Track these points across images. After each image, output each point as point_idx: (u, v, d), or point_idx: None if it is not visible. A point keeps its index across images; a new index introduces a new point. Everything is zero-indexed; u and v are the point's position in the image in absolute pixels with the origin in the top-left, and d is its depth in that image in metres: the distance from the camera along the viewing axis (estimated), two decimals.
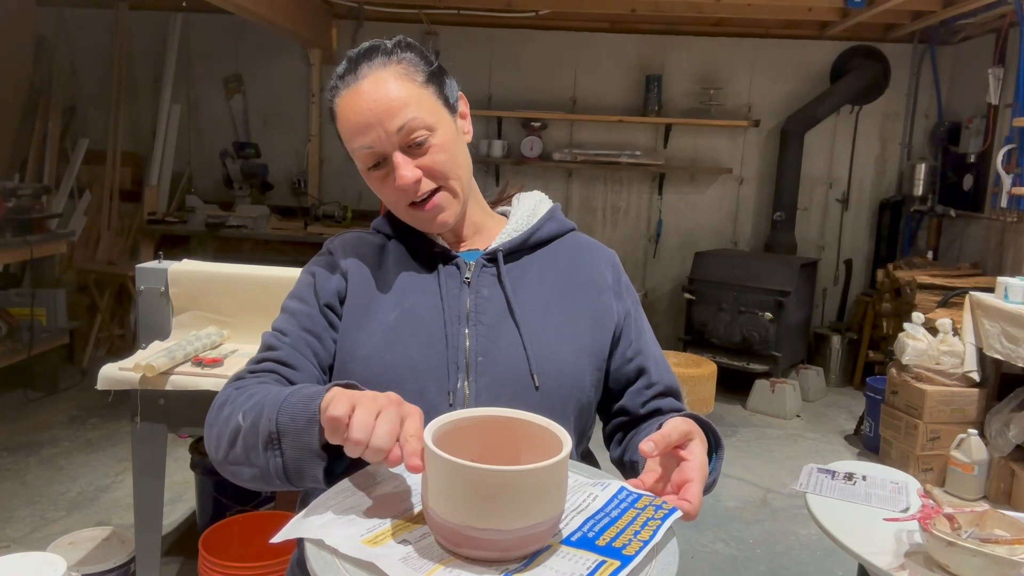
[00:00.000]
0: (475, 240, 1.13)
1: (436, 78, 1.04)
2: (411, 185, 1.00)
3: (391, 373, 1.00)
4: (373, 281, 1.08)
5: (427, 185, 1.02)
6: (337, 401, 0.77)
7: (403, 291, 1.07)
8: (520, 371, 1.01)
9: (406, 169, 1.00)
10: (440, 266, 1.08)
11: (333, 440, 0.78)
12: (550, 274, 1.11)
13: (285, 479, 0.85)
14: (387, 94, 0.99)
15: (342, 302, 1.07)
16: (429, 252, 1.10)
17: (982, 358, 3.26)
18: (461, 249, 1.12)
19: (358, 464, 0.82)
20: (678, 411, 1.11)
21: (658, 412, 1.10)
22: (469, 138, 1.10)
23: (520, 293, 1.07)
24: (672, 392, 1.13)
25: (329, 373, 1.06)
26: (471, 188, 1.11)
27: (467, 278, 1.07)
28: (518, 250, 1.11)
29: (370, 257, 1.11)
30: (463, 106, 1.10)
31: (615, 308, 1.12)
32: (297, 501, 1.08)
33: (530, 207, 1.16)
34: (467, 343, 1.03)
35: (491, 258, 1.09)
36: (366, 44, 1.04)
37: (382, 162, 1.02)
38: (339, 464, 0.86)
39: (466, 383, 1.01)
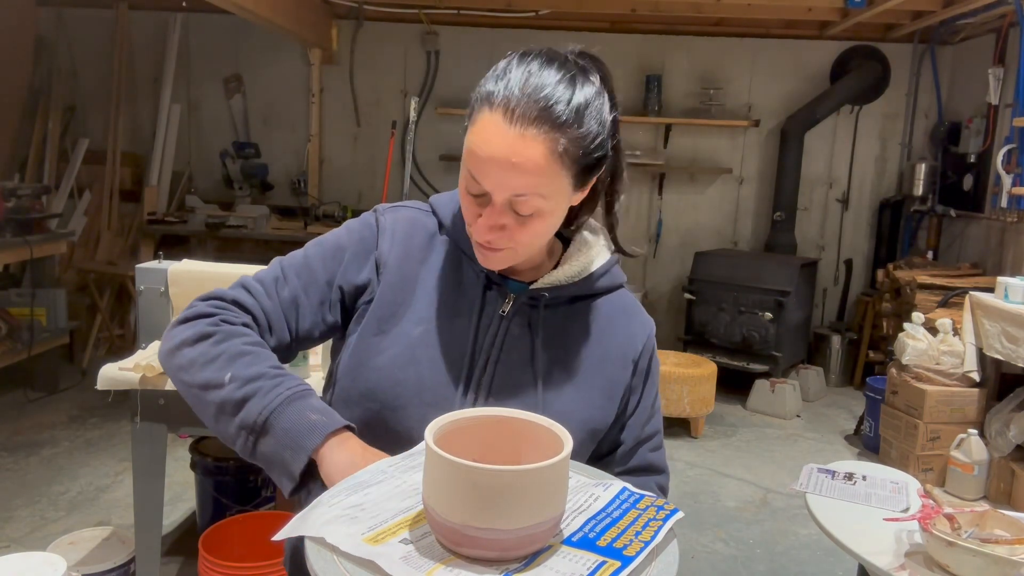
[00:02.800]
0: (527, 271, 1.05)
1: (590, 156, 0.92)
2: (487, 235, 0.93)
3: (399, 391, 0.98)
4: (410, 281, 1.03)
5: (502, 242, 0.94)
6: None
7: (437, 303, 1.02)
8: None
9: (491, 225, 0.92)
10: (483, 290, 1.02)
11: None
12: (586, 334, 1.06)
13: (243, 455, 0.92)
14: (526, 159, 0.87)
15: (360, 292, 1.04)
16: (475, 267, 1.03)
17: (982, 358, 3.26)
18: (511, 276, 1.04)
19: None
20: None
21: None
22: (574, 203, 0.99)
23: (551, 346, 1.03)
24: (647, 470, 1.09)
25: (298, 343, 1.04)
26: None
27: (503, 312, 1.02)
28: (562, 297, 1.05)
29: (417, 250, 1.05)
30: (594, 178, 0.97)
31: (628, 384, 1.08)
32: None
33: (589, 254, 1.07)
34: (483, 380, 1.00)
35: (534, 297, 1.03)
36: (557, 81, 0.88)
37: (482, 194, 0.92)
38: (304, 493, 0.88)
39: None
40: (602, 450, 1.09)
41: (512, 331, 1.01)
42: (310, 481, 0.88)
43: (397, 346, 0.99)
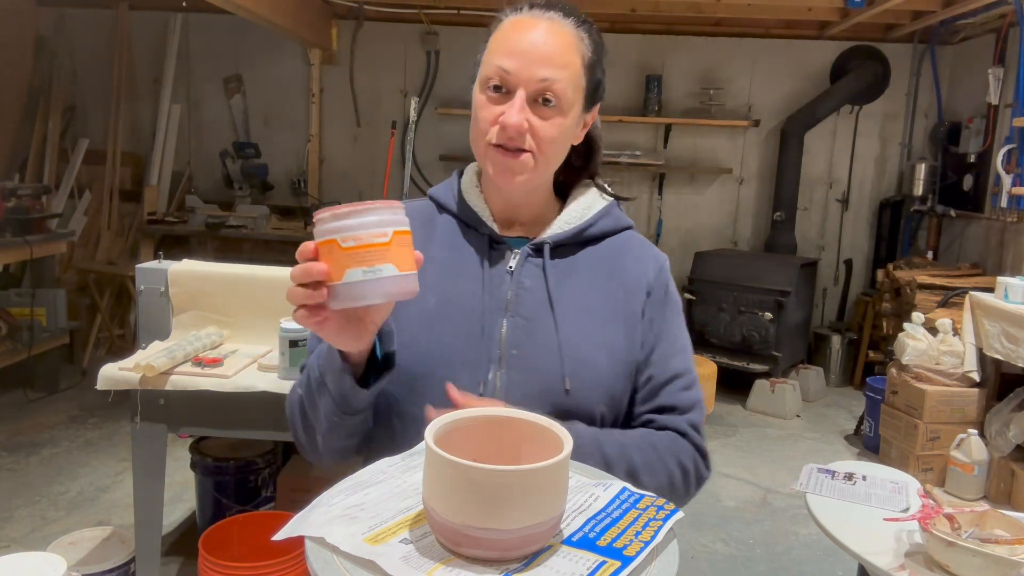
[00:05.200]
0: (528, 227, 1.09)
1: (597, 74, 1.04)
2: (513, 128, 0.96)
3: (426, 361, 1.00)
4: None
5: (524, 140, 0.98)
6: None
7: (445, 274, 1.05)
8: (553, 371, 1.00)
9: (519, 111, 0.96)
10: (487, 251, 1.06)
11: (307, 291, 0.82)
12: (596, 273, 1.08)
13: (340, 411, 0.95)
14: (556, 46, 0.97)
15: None
16: (478, 232, 1.07)
17: (982, 358, 3.26)
18: (511, 234, 1.08)
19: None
20: (671, 426, 1.06)
21: (650, 424, 1.07)
22: (577, 139, 1.07)
23: (563, 289, 1.05)
24: (674, 409, 1.07)
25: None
26: (549, 176, 1.08)
27: (510, 267, 1.05)
28: (567, 243, 1.08)
29: (418, 234, 1.09)
30: (595, 114, 1.08)
31: (643, 310, 1.08)
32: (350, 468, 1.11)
33: (587, 202, 1.12)
34: (503, 333, 1.02)
35: (538, 248, 1.06)
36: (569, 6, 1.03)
37: (504, 91, 0.98)
38: (372, 378, 0.94)
39: (498, 375, 1.00)
40: (637, 384, 1.08)
41: (523, 284, 1.04)
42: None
43: (416, 319, 1.03)
